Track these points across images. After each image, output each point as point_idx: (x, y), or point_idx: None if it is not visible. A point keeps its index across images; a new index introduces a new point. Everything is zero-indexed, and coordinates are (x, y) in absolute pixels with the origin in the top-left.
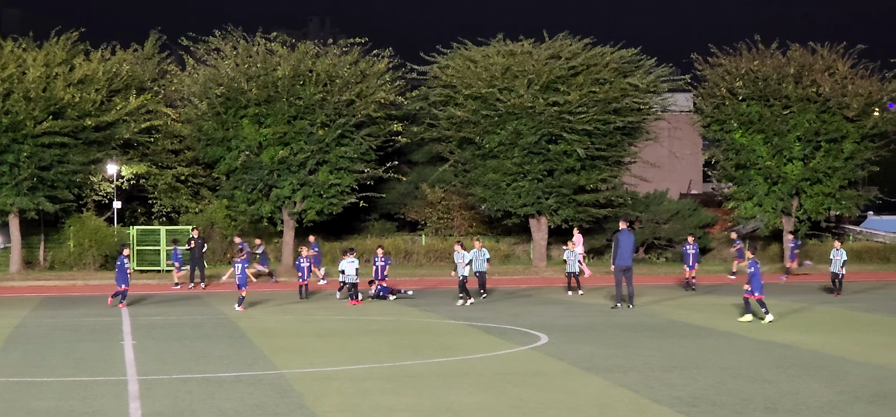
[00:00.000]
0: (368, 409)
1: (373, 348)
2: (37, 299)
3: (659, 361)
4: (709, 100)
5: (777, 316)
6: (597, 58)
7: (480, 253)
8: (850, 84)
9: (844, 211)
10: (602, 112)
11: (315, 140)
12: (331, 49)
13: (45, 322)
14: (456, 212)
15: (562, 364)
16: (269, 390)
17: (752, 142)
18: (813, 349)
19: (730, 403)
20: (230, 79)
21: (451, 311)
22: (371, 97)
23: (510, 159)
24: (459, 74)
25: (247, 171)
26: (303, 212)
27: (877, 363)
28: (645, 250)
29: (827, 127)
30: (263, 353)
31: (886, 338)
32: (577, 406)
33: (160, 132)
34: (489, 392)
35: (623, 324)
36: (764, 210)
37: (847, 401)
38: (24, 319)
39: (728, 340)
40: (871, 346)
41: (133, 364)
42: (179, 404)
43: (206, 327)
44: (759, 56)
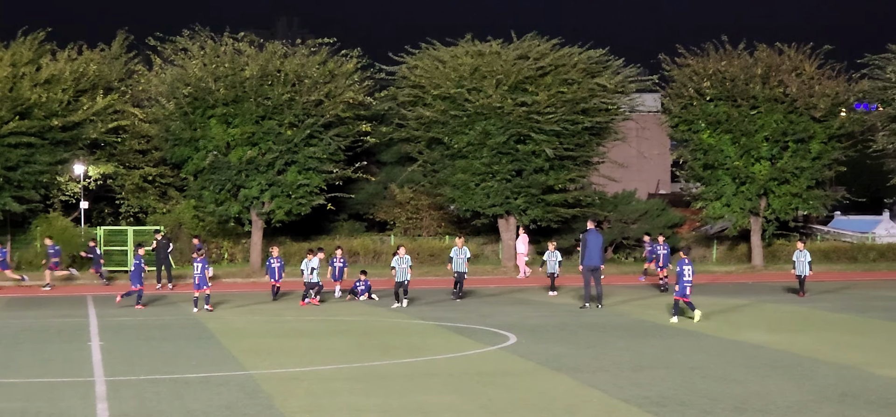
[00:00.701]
0: (337, 410)
1: (341, 348)
2: (3, 300)
3: (628, 361)
4: (677, 100)
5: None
6: (565, 58)
7: (461, 252)
8: (817, 84)
9: (812, 211)
10: (570, 112)
11: (283, 140)
12: (299, 49)
13: (11, 323)
14: (425, 212)
15: (530, 364)
16: (237, 391)
17: (720, 142)
18: (781, 349)
19: (699, 403)
20: (198, 79)
21: (419, 311)
22: (339, 97)
23: (479, 159)
24: (428, 75)
25: (215, 172)
26: (271, 213)
27: (844, 362)
28: (613, 250)
29: (794, 127)
30: (232, 354)
31: (854, 338)
32: (546, 407)
33: (127, 132)
34: (458, 392)
35: (592, 324)
36: (732, 210)
37: (815, 401)
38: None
39: (697, 340)
40: (839, 346)
41: (100, 365)
42: (147, 405)
43: (173, 328)
44: (727, 57)
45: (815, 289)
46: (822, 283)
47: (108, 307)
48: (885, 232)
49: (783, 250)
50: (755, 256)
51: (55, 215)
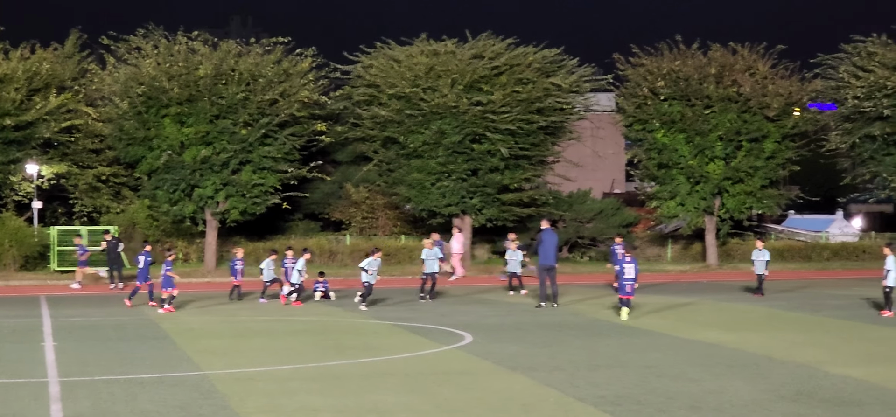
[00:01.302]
0: (293, 410)
1: (297, 348)
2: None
3: (584, 360)
4: (631, 99)
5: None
6: (520, 58)
7: (433, 252)
8: (771, 84)
9: (766, 210)
10: (525, 111)
11: (238, 139)
12: (253, 48)
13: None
14: (380, 212)
15: (486, 364)
16: (192, 391)
17: (674, 141)
18: (736, 347)
19: (654, 401)
20: (151, 78)
21: (376, 311)
22: (294, 96)
23: (434, 159)
24: (383, 74)
25: (169, 171)
26: (226, 213)
27: (799, 361)
28: (569, 249)
29: (748, 126)
30: (187, 354)
31: (808, 336)
32: (502, 406)
33: (81, 131)
34: (414, 392)
35: (548, 323)
36: (686, 209)
37: (770, 400)
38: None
39: (652, 339)
40: (793, 345)
41: (54, 365)
42: (101, 406)
43: (128, 328)
44: (681, 56)
45: (769, 288)
46: (777, 282)
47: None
48: (839, 232)
49: (738, 249)
50: (710, 255)
51: (8, 215)
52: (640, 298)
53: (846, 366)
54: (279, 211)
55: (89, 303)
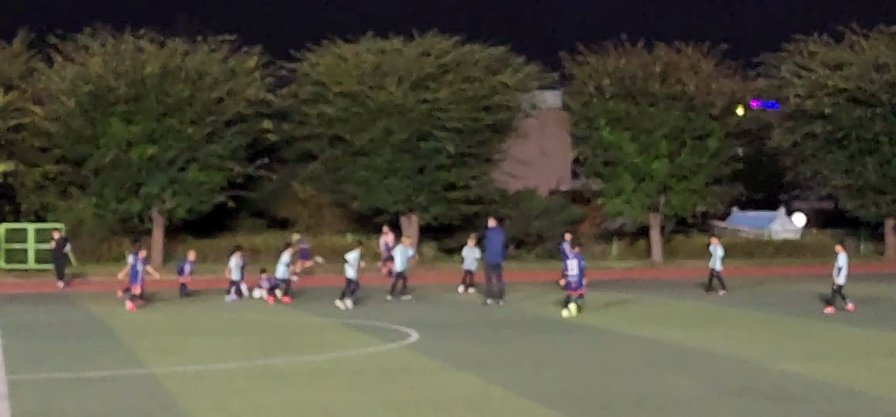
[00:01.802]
0: (240, 408)
1: (244, 346)
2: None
3: (529, 357)
4: (577, 97)
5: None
6: (466, 56)
7: (405, 251)
8: (714, 83)
9: (710, 207)
10: (472, 110)
11: (184, 138)
12: (200, 46)
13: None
14: (327, 210)
15: (433, 362)
16: (140, 389)
17: (620, 139)
18: (681, 344)
19: (599, 398)
20: (98, 76)
21: (322, 308)
22: (241, 94)
23: (381, 157)
24: (329, 72)
25: (115, 169)
26: (172, 211)
27: (742, 357)
28: (516, 246)
29: (692, 124)
30: (133, 352)
31: (751, 333)
32: (449, 404)
33: (28, 129)
34: (360, 389)
35: (494, 321)
36: (631, 206)
37: (715, 395)
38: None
39: (598, 336)
40: (737, 341)
41: (2, 363)
42: (49, 404)
43: (76, 326)
44: (626, 55)
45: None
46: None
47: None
48: (781, 228)
49: (682, 246)
50: (654, 252)
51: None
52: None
53: (788, 362)
54: (226, 209)
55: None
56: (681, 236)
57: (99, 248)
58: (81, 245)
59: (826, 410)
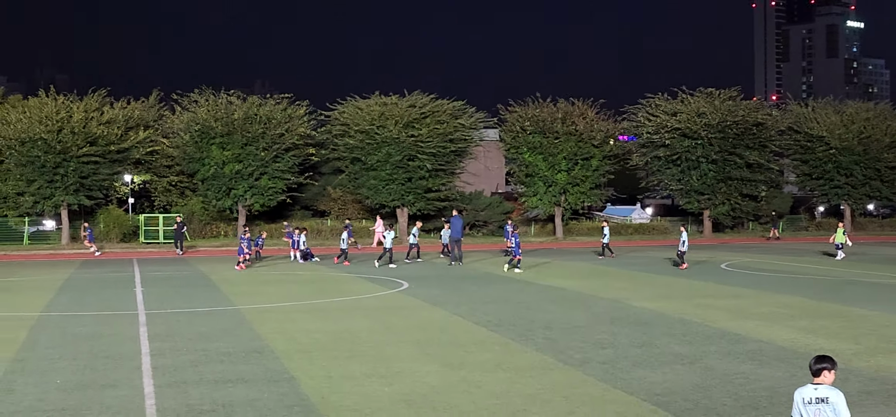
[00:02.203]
0: (294, 331)
1: (296, 292)
2: (79, 261)
3: (479, 298)
4: (509, 133)
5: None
6: (438, 107)
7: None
8: (596, 124)
9: (593, 203)
10: (442, 141)
11: (259, 159)
12: (269, 100)
13: (84, 276)
14: (350, 204)
15: (417, 301)
16: (230, 319)
17: (536, 160)
18: (575, 289)
19: (522, 324)
20: (204, 120)
21: (347, 268)
22: (294, 131)
23: (384, 171)
24: (351, 117)
25: (215, 179)
26: (251, 205)
27: (614, 298)
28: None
29: (581, 150)
30: (226, 296)
31: (619, 282)
32: (427, 326)
33: (159, 154)
34: (370, 319)
35: (457, 276)
36: (543, 203)
37: (597, 321)
38: (71, 274)
39: (522, 285)
40: (610, 287)
41: (142, 303)
42: (172, 328)
43: (189, 279)
44: (540, 106)
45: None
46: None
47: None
48: (637, 216)
49: (576, 228)
50: (558, 231)
51: (113, 207)
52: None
53: (644, 301)
54: (284, 204)
55: (165, 264)
56: (574, 222)
57: (204, 229)
58: (193, 228)
59: (666, 331)
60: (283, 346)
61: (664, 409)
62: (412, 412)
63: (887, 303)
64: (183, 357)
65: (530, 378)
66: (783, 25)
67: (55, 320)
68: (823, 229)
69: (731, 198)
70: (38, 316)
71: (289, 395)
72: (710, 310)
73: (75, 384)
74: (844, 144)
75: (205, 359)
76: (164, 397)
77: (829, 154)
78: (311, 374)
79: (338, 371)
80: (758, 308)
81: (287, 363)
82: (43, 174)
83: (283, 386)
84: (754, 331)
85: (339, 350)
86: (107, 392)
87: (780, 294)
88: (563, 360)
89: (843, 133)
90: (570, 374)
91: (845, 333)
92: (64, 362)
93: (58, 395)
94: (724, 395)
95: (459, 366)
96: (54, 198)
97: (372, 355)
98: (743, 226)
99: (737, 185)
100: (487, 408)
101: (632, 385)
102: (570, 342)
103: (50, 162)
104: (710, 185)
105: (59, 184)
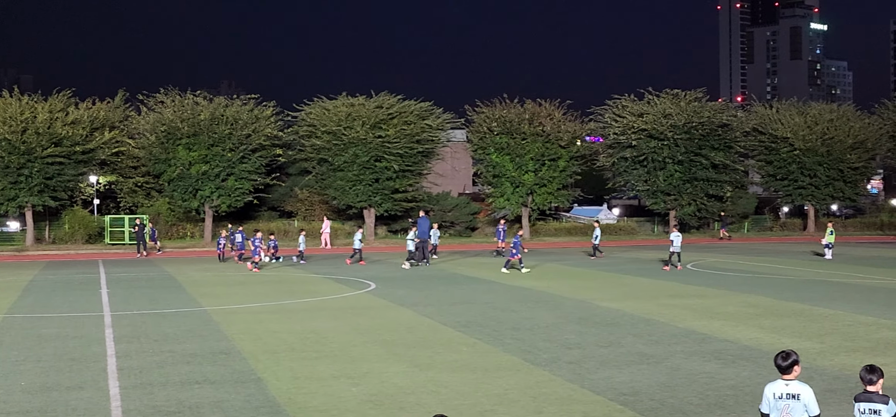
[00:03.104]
0: (261, 332)
1: (264, 293)
2: (43, 263)
3: (446, 299)
4: (476, 134)
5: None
6: (406, 107)
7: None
8: (563, 124)
9: (560, 203)
10: (409, 142)
11: (225, 160)
12: (235, 101)
13: (49, 277)
14: (317, 205)
15: (384, 302)
16: (196, 320)
17: (503, 161)
18: (542, 290)
19: (490, 325)
20: (170, 120)
21: (314, 268)
22: (261, 132)
23: (351, 172)
24: (318, 117)
25: (181, 180)
26: (218, 206)
27: (581, 298)
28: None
29: (549, 151)
30: (193, 297)
31: (586, 283)
32: (394, 327)
33: (124, 155)
34: (338, 319)
35: (423, 276)
36: (510, 203)
37: (564, 321)
38: (35, 276)
39: (489, 285)
40: (577, 288)
41: (107, 304)
42: (138, 328)
43: (155, 280)
44: (507, 107)
45: (558, 252)
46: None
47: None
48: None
49: (543, 228)
50: (525, 232)
51: (78, 208)
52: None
53: (611, 301)
54: (251, 205)
55: (130, 265)
56: (541, 222)
57: (170, 230)
58: (159, 229)
59: (632, 331)
60: (250, 347)
61: (631, 409)
62: (380, 412)
63: (850, 302)
64: (149, 358)
65: (498, 379)
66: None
67: (19, 321)
68: (787, 229)
69: (697, 199)
70: (2, 319)
71: (256, 396)
72: (675, 310)
73: (40, 386)
74: (808, 145)
75: (171, 361)
76: (129, 399)
77: (793, 155)
78: (279, 375)
79: (305, 371)
80: (723, 307)
81: (254, 364)
82: (7, 175)
83: (250, 388)
84: (719, 331)
85: (306, 351)
86: (72, 393)
87: (744, 293)
88: (531, 360)
89: (807, 134)
90: (537, 374)
91: (809, 332)
92: (28, 364)
93: (22, 397)
94: (690, 394)
95: (427, 367)
96: (18, 199)
97: (339, 356)
98: (708, 227)
99: (702, 186)
100: (455, 408)
101: (599, 385)
102: (537, 342)
103: (14, 163)
104: (677, 186)
105: (23, 184)
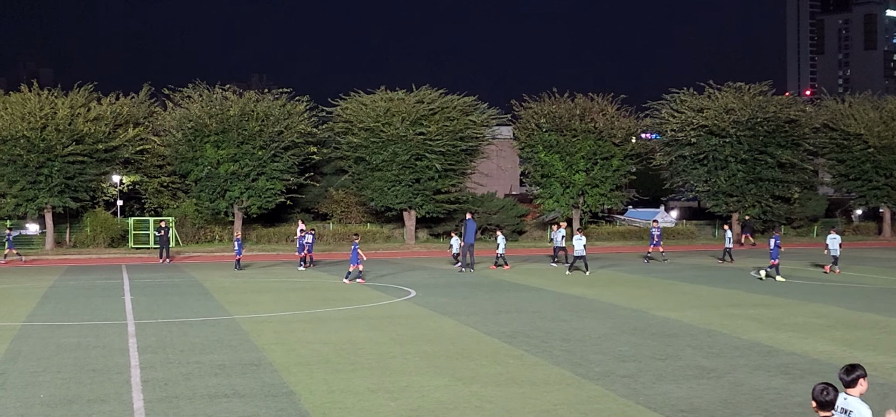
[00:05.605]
0: (294, 342)
1: (296, 300)
2: (64, 268)
3: (491, 307)
4: (523, 131)
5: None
6: (448, 102)
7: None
8: (616, 121)
9: (613, 205)
10: (452, 139)
11: (256, 158)
12: (266, 95)
13: (69, 284)
14: (353, 207)
15: (425, 310)
16: (225, 329)
17: (552, 159)
18: (594, 298)
19: (539, 335)
20: (197, 116)
21: None
22: (294, 128)
23: (390, 171)
24: (355, 113)
25: (209, 179)
26: (248, 207)
27: (635, 307)
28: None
29: (601, 149)
30: (221, 304)
31: (641, 291)
32: (436, 338)
33: (149, 153)
34: (376, 329)
35: (467, 283)
36: (560, 205)
37: (617, 333)
38: (55, 281)
39: (537, 293)
40: (631, 296)
41: (131, 311)
42: (163, 339)
43: (181, 286)
44: (556, 102)
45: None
46: (619, 254)
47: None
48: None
49: (595, 232)
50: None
51: (100, 209)
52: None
53: (667, 311)
54: (284, 206)
55: (155, 270)
56: (593, 225)
57: (198, 233)
58: (185, 232)
59: (691, 343)
60: (282, 358)
61: None
62: None
63: None
64: (175, 370)
65: (547, 393)
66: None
67: (38, 330)
68: (860, 234)
69: (762, 200)
70: (20, 327)
71: (287, 410)
72: (738, 320)
73: (60, 399)
74: (884, 142)
75: (198, 372)
76: (154, 412)
77: (867, 153)
78: (312, 389)
79: (340, 385)
80: (790, 317)
81: (286, 376)
82: (25, 174)
83: (282, 401)
84: (787, 343)
85: (341, 363)
86: (94, 407)
87: (813, 303)
88: (582, 374)
89: (883, 130)
90: (589, 389)
91: (885, 345)
92: (48, 376)
93: (41, 410)
94: (754, 411)
95: (470, 380)
96: (38, 200)
97: (377, 368)
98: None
99: (768, 187)
100: None
101: (655, 401)
102: (589, 354)
103: (33, 161)
104: (739, 187)
105: (42, 184)
